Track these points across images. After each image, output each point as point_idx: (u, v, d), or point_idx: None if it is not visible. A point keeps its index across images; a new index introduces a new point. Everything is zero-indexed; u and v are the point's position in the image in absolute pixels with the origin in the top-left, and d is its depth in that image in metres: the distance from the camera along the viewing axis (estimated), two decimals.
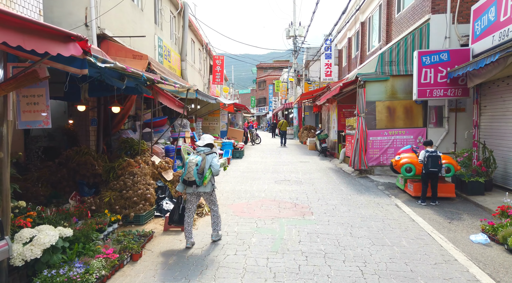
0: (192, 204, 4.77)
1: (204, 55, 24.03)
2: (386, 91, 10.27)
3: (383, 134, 10.30)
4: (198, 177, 4.49)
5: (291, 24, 28.10)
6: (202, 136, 5.03)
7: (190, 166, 4.55)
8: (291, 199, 7.44)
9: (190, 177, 4.53)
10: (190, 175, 4.53)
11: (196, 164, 4.53)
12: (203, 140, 4.91)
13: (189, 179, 4.55)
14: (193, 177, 4.51)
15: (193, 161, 4.56)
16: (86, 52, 3.11)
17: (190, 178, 4.54)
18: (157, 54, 12.86)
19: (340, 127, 14.29)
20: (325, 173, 10.92)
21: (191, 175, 4.52)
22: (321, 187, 8.78)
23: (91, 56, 3.26)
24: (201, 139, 5.02)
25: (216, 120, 17.66)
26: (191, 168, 4.53)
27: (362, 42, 17.59)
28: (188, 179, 4.56)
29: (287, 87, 39.21)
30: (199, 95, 9.74)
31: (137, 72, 4.58)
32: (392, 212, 6.48)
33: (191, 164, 4.55)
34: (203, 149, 4.77)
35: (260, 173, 10.92)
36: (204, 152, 4.71)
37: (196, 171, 4.49)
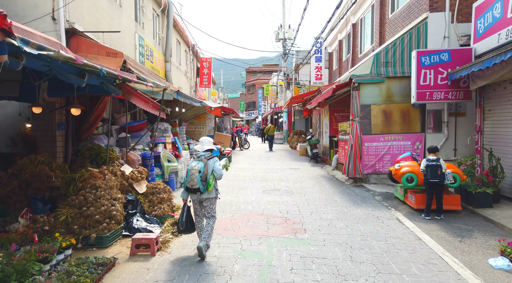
0: (198, 210, 4.69)
1: (191, 57, 23.20)
2: (381, 94, 9.63)
3: (379, 139, 9.64)
4: (202, 184, 4.39)
5: (281, 27, 27.55)
6: (201, 140, 4.82)
7: (193, 173, 4.41)
8: (281, 213, 6.66)
9: (194, 185, 4.41)
10: (194, 182, 4.40)
11: (199, 171, 4.40)
12: (202, 145, 4.73)
13: (193, 187, 4.42)
14: (196, 185, 4.39)
15: (195, 168, 4.43)
16: (5, 31, 2.29)
17: (193, 186, 4.41)
18: (137, 53, 12.01)
19: (332, 132, 13.63)
20: (317, 182, 10.19)
21: (194, 182, 4.40)
22: (313, 197, 8.03)
23: (15, 39, 2.43)
24: (199, 143, 4.80)
25: (202, 125, 16.81)
26: (193, 175, 4.40)
27: (354, 44, 17.05)
28: (192, 187, 4.43)
29: (276, 91, 38.62)
30: (181, 97, 8.90)
31: (93, 66, 3.77)
32: (395, 228, 5.76)
33: (193, 171, 4.42)
34: (204, 154, 4.61)
35: (248, 182, 10.12)
36: (205, 157, 4.57)
37: (199, 178, 4.38)
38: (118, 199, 5.01)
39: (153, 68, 13.64)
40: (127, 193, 5.67)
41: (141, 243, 4.49)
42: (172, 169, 8.64)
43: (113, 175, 5.36)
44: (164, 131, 9.73)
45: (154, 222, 5.48)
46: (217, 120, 23.13)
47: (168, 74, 15.69)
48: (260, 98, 51.27)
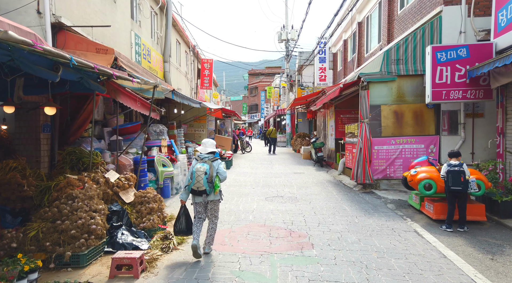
0: (201, 212, 4.62)
1: (192, 58, 22.65)
2: (392, 94, 8.98)
3: (390, 142, 8.97)
4: (208, 186, 4.38)
5: (283, 27, 26.99)
6: (203, 142, 4.78)
7: (199, 175, 4.38)
8: (285, 224, 6.00)
9: (200, 187, 4.38)
10: (200, 184, 4.37)
11: (205, 173, 4.38)
12: (205, 147, 4.68)
13: (199, 189, 4.39)
14: (203, 187, 4.37)
15: (201, 170, 4.40)
16: None
17: (200, 188, 4.38)
18: (133, 52, 11.43)
19: (338, 135, 12.96)
20: (323, 187, 9.52)
21: (200, 184, 4.37)
22: (320, 205, 7.37)
23: None
24: (202, 144, 4.75)
25: (203, 127, 16.18)
26: (200, 177, 4.37)
27: (360, 44, 16.42)
28: (198, 189, 4.39)
29: (279, 93, 38.03)
30: (177, 97, 8.30)
31: (58, 54, 3.15)
32: (414, 243, 5.08)
33: (199, 173, 4.39)
34: (207, 156, 4.59)
35: (249, 187, 9.47)
36: (209, 159, 4.56)
37: (206, 180, 4.37)
38: (99, 210, 4.38)
39: (150, 68, 13.06)
40: (112, 203, 5.04)
41: (122, 263, 3.85)
42: (167, 175, 8.02)
43: (95, 183, 4.73)
44: (159, 134, 9.12)
45: (142, 236, 4.84)
46: (218, 122, 22.56)
47: (167, 74, 15.11)
48: (263, 101, 50.71)
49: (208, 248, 4.64)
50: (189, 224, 4.60)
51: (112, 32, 9.92)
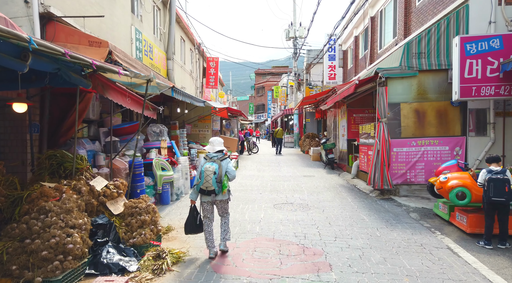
0: (209, 212, 4.59)
1: (197, 57, 22.01)
2: (413, 90, 8.17)
3: (410, 144, 8.17)
4: (217, 186, 4.35)
5: (291, 25, 26.22)
6: (211, 141, 4.70)
7: (208, 174, 4.33)
8: (297, 237, 5.27)
9: (209, 187, 4.34)
10: (209, 184, 4.33)
11: (214, 172, 4.34)
12: (213, 146, 4.62)
13: (208, 189, 4.36)
14: (212, 186, 4.33)
15: (210, 170, 4.35)
16: None
17: (209, 188, 4.35)
18: (134, 48, 10.80)
19: (350, 135, 12.17)
20: (336, 193, 8.75)
21: (209, 184, 4.33)
22: (335, 214, 6.62)
23: None
24: (210, 143, 4.69)
25: (207, 127, 15.50)
26: (208, 176, 4.33)
27: (372, 39, 15.58)
28: (207, 189, 4.36)
29: (286, 92, 37.26)
30: (177, 95, 7.62)
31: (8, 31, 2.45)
32: (451, 263, 4.31)
33: (208, 173, 4.34)
34: (216, 155, 4.53)
35: (256, 192, 8.74)
36: (218, 158, 4.50)
37: (214, 180, 4.33)
38: (79, 226, 3.69)
39: (152, 65, 12.43)
40: (97, 215, 4.36)
41: None
42: (166, 179, 7.34)
43: (76, 192, 4.05)
44: (159, 134, 8.44)
45: (131, 254, 4.15)
46: (224, 122, 21.89)
47: (170, 72, 14.47)
48: (270, 101, 49.96)
49: (224, 245, 4.64)
50: (199, 224, 4.56)
51: (110, 26, 9.29)
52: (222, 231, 4.65)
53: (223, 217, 4.67)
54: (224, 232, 4.64)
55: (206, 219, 4.55)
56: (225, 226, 4.66)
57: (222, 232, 4.64)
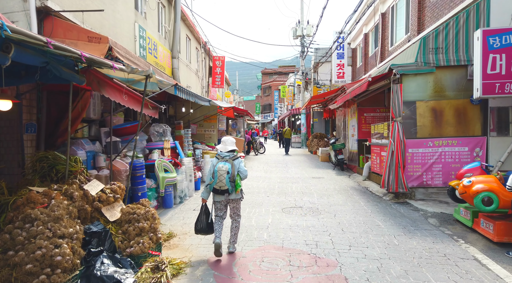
0: (222, 210, 4.63)
1: (203, 56, 21.71)
2: (430, 88, 7.72)
3: (427, 144, 7.71)
4: (230, 185, 4.38)
5: (298, 23, 25.79)
6: (223, 140, 4.71)
7: (221, 174, 4.35)
8: (308, 246, 4.87)
9: (223, 186, 4.38)
10: (223, 184, 4.36)
11: (227, 172, 4.36)
12: (225, 145, 4.63)
13: (222, 188, 4.39)
14: (225, 186, 4.36)
15: (223, 169, 4.37)
16: None
17: (222, 187, 4.38)
18: (137, 46, 10.51)
19: (361, 135, 11.72)
20: (348, 196, 8.33)
21: (223, 184, 4.36)
22: (348, 220, 6.20)
23: None
24: (222, 143, 4.70)
25: (213, 127, 15.17)
26: (222, 176, 4.35)
27: (383, 37, 15.10)
28: (220, 188, 4.40)
29: (293, 92, 36.83)
30: (181, 93, 7.27)
31: None
32: (481, 278, 3.87)
33: (221, 172, 4.35)
34: (228, 155, 4.53)
35: (263, 195, 8.36)
36: (230, 157, 4.50)
37: (228, 179, 4.36)
38: (69, 235, 3.35)
39: (157, 63, 12.14)
40: (92, 222, 4.02)
41: None
42: (169, 181, 6.99)
43: (68, 197, 3.71)
44: (162, 135, 8.11)
45: (127, 265, 3.79)
46: (230, 122, 21.56)
47: (176, 71, 14.18)
48: (276, 100, 49.57)
49: (232, 247, 4.66)
50: (210, 223, 4.56)
51: (113, 22, 9.00)
52: (232, 234, 4.65)
53: (235, 220, 4.68)
54: (234, 235, 4.66)
55: (219, 217, 4.59)
56: (235, 230, 4.68)
57: (232, 236, 4.65)
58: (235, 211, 4.65)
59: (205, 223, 4.53)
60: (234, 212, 4.65)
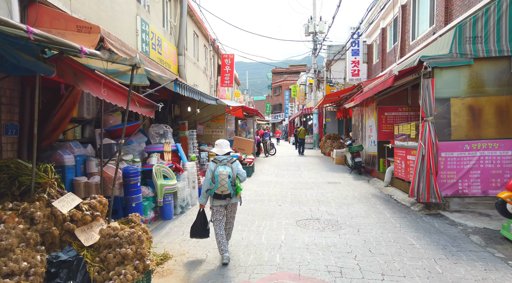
0: (222, 214, 4.44)
1: (211, 53, 20.95)
2: (466, 82, 6.73)
3: (463, 148, 6.73)
4: (232, 189, 4.30)
5: (311, 19, 24.81)
6: (218, 143, 4.63)
7: (223, 178, 4.25)
8: (331, 274, 3.97)
9: (225, 191, 4.27)
10: (225, 188, 4.27)
11: (228, 176, 4.26)
12: (221, 148, 4.57)
13: (224, 193, 4.28)
14: (228, 190, 4.27)
15: (224, 173, 4.26)
16: None
17: (224, 192, 4.28)
18: (139, 40, 9.75)
19: (381, 137, 10.73)
20: (370, 205, 7.39)
21: (225, 188, 4.26)
22: (374, 237, 5.28)
23: None
24: (216, 146, 4.62)
25: (221, 127, 14.35)
26: (224, 180, 4.25)
27: (403, 30, 14.06)
28: (223, 193, 4.28)
29: (304, 91, 35.83)
30: (181, 89, 6.45)
31: None
32: None
33: (223, 177, 4.25)
34: (226, 158, 4.43)
35: (274, 204, 7.48)
36: (229, 160, 4.39)
37: (230, 184, 4.27)
38: (21, 271, 2.55)
39: (161, 60, 11.38)
40: (62, 247, 3.21)
41: None
42: (168, 190, 6.18)
43: (27, 219, 2.92)
44: (162, 136, 7.31)
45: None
46: (240, 122, 20.75)
47: (182, 69, 13.41)
48: (287, 100, 48.58)
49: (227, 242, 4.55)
50: (205, 229, 4.53)
51: (111, 14, 8.25)
52: (226, 234, 4.59)
53: (229, 222, 4.62)
54: (228, 235, 4.63)
55: (218, 221, 4.43)
56: (229, 231, 4.64)
57: (226, 235, 4.58)
58: (232, 214, 4.60)
59: (200, 229, 4.50)
60: (231, 215, 4.59)
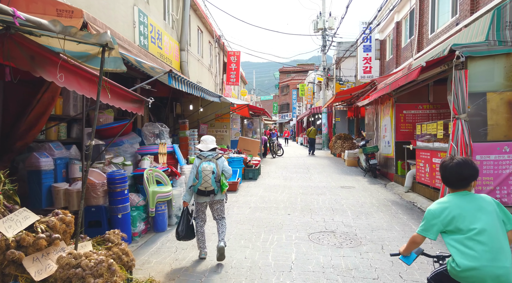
0: (204, 212, 4.42)
1: (217, 50, 20.19)
2: (506, 74, 5.82)
3: (501, 149, 5.81)
4: (216, 185, 4.20)
5: (320, 15, 23.91)
6: (204, 139, 4.55)
7: (206, 174, 4.15)
8: None
9: (208, 187, 4.17)
10: (208, 184, 4.16)
11: (212, 172, 4.17)
12: (206, 144, 4.47)
13: (207, 189, 4.18)
14: (211, 187, 4.17)
15: (208, 169, 4.17)
16: None
17: (208, 188, 4.18)
18: (137, 33, 9.02)
19: (399, 137, 9.82)
20: (391, 215, 6.51)
21: (209, 184, 4.16)
22: None
23: None
24: (202, 142, 4.53)
25: (226, 127, 13.57)
26: (207, 176, 4.14)
27: (420, 23, 13.10)
28: (206, 189, 4.18)
29: (313, 90, 34.89)
30: (177, 83, 5.64)
31: None
32: None
33: (206, 172, 4.15)
34: (211, 154, 4.37)
35: (282, 213, 6.66)
36: (214, 156, 4.34)
37: (213, 180, 4.17)
38: None
39: (162, 55, 10.64)
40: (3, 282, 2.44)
41: None
42: (161, 197, 5.38)
43: None
44: (157, 136, 6.53)
45: None
46: (246, 122, 19.96)
47: (184, 65, 12.66)
48: (295, 100, 47.66)
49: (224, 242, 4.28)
50: (191, 228, 4.39)
51: (104, 3, 7.52)
52: (220, 232, 4.36)
53: (219, 221, 4.44)
54: (222, 234, 4.36)
55: (199, 219, 4.40)
56: (223, 229, 4.40)
57: (220, 234, 4.35)
58: (219, 213, 4.43)
59: (186, 229, 4.33)
60: (218, 213, 4.42)
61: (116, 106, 4.20)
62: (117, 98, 4.20)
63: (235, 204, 7.38)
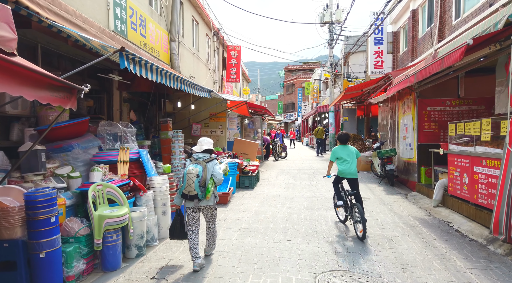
0: (195, 218, 4.16)
1: (215, 45, 18.71)
2: None
3: None
4: (200, 190, 3.94)
5: (327, 7, 22.33)
6: (199, 140, 4.33)
7: (190, 178, 3.93)
8: None
9: (191, 191, 3.93)
10: (191, 188, 3.92)
11: (196, 176, 3.92)
12: (200, 145, 4.26)
13: (190, 193, 3.95)
14: (194, 191, 3.92)
15: (192, 172, 3.94)
16: None
17: (191, 192, 3.94)
18: (111, 16, 7.60)
19: (422, 138, 8.27)
20: (423, 241, 4.96)
21: (192, 188, 3.92)
22: None
23: None
24: (198, 143, 4.31)
25: (221, 127, 12.09)
26: (191, 180, 3.91)
27: (442, 9, 11.50)
28: (189, 193, 3.95)
29: (319, 88, 33.31)
30: (136, 66, 4.14)
31: None
32: None
33: (190, 175, 3.93)
34: (202, 156, 4.16)
35: (280, 239, 5.14)
36: (204, 159, 4.11)
37: (197, 184, 3.92)
38: None
39: (145, 44, 9.21)
40: None
41: None
42: (111, 223, 3.89)
43: None
44: (118, 139, 5.05)
45: None
46: (246, 121, 18.49)
47: (174, 57, 11.20)
48: (300, 99, 46.06)
49: (210, 250, 4.36)
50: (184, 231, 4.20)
51: None
52: (208, 239, 4.33)
53: (209, 227, 4.30)
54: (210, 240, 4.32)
55: (191, 226, 4.11)
56: (211, 236, 4.32)
57: (208, 240, 4.31)
58: (210, 218, 4.24)
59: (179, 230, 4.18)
60: (208, 219, 4.24)
61: (24, 96, 2.72)
62: (20, 82, 2.72)
63: (223, 223, 5.89)
